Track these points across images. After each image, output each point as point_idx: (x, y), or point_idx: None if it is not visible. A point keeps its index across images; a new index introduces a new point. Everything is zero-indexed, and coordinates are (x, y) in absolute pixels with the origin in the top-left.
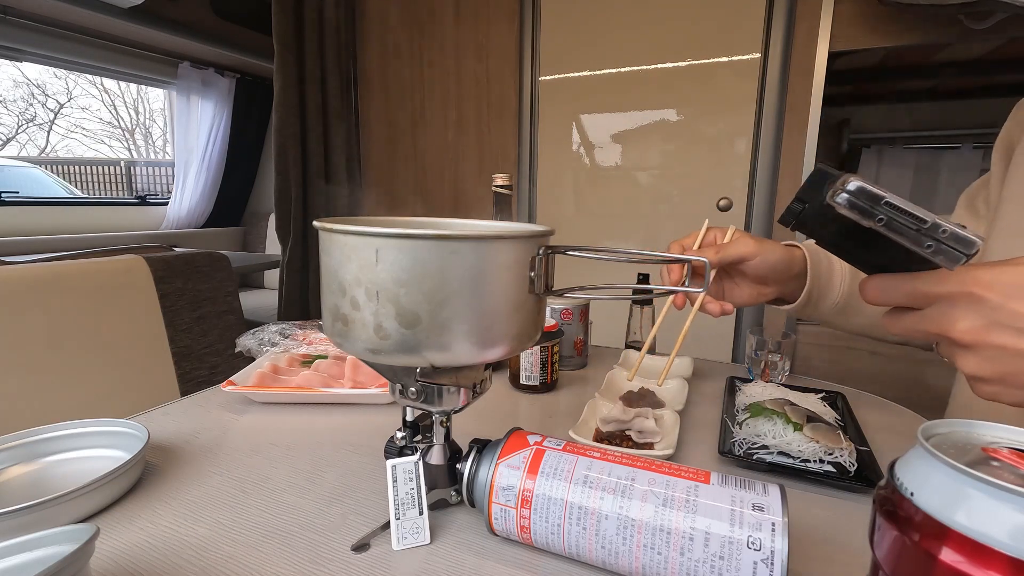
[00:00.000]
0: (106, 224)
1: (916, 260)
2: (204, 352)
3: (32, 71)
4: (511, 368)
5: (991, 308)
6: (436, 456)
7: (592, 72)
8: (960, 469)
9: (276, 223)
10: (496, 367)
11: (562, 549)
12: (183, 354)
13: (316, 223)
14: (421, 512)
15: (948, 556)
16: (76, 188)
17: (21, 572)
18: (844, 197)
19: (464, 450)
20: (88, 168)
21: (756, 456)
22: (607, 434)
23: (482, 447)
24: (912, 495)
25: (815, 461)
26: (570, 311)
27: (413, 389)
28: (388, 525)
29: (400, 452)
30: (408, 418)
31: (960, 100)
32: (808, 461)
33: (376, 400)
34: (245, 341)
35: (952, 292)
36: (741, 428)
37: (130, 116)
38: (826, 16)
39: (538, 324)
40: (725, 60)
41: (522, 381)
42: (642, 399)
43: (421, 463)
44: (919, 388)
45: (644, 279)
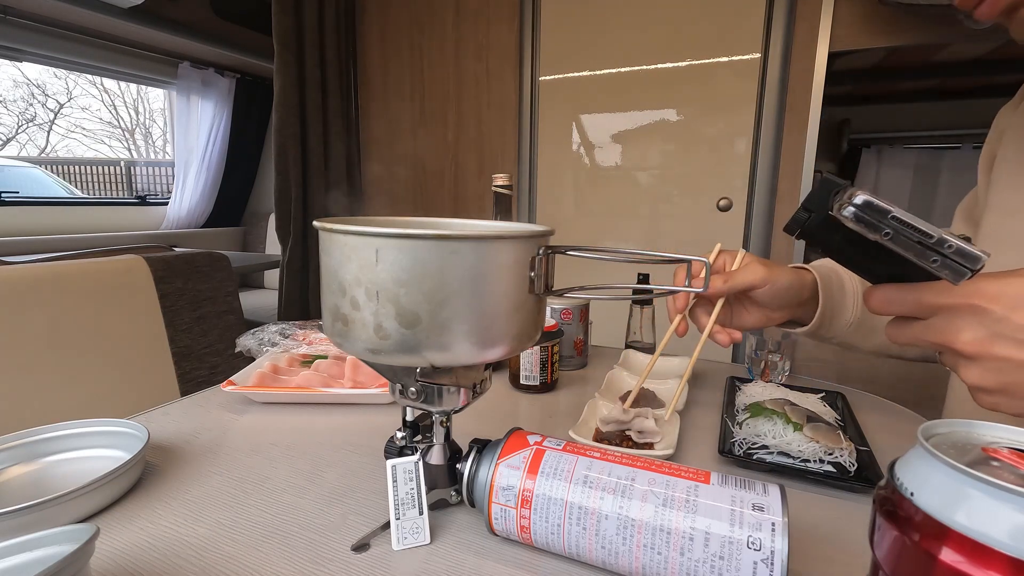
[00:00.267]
0: (106, 224)
1: (921, 272)
2: (204, 352)
3: (32, 71)
4: (511, 368)
5: (994, 320)
6: (436, 456)
7: (592, 72)
8: (960, 469)
9: (276, 223)
10: (496, 367)
11: (562, 549)
12: (183, 354)
13: (316, 223)
14: (421, 512)
15: (948, 556)
16: (76, 188)
17: (21, 572)
18: (851, 210)
19: (464, 450)
20: (88, 168)
21: (756, 456)
22: (607, 434)
23: (482, 447)
24: (912, 495)
25: (815, 461)
26: (570, 311)
27: (413, 389)
28: (388, 525)
29: (400, 452)
30: (408, 418)
31: (960, 100)
32: (808, 461)
33: (376, 400)
34: (245, 341)
35: (956, 304)
36: (741, 428)
37: (130, 116)
38: (826, 16)
39: (538, 324)
40: (725, 60)
41: (522, 381)
42: (642, 399)
43: (421, 463)
44: (919, 388)
45: (644, 279)
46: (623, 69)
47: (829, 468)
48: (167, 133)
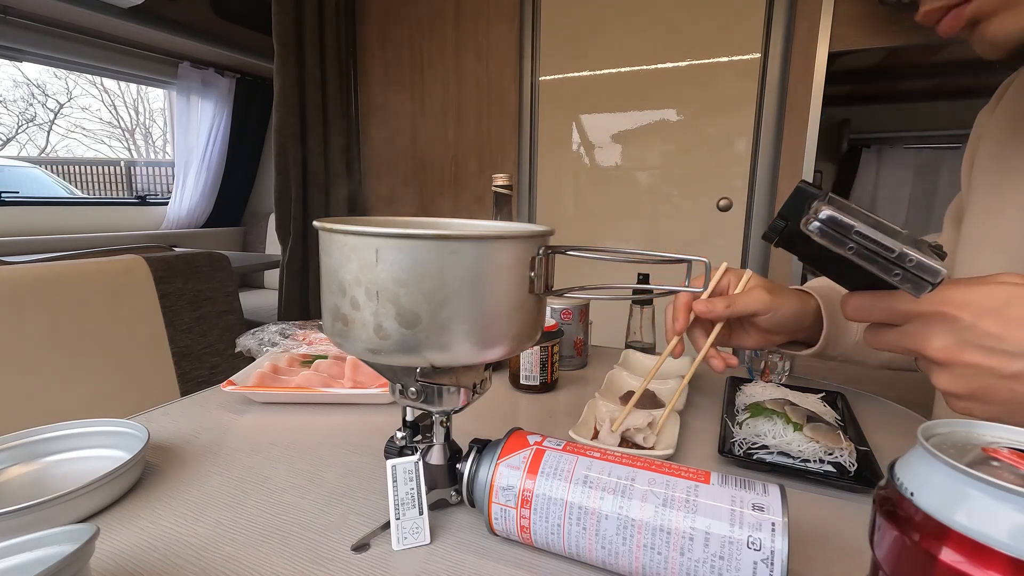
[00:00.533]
0: (106, 224)
1: (889, 283)
2: (204, 352)
3: (32, 71)
4: (511, 368)
5: (963, 327)
6: (436, 456)
7: (592, 72)
8: (960, 469)
9: (276, 223)
10: (496, 367)
11: (562, 549)
12: (183, 354)
13: (316, 223)
14: (421, 512)
15: (948, 556)
16: (76, 188)
17: (21, 572)
18: (816, 226)
19: (464, 450)
20: (88, 168)
21: (756, 456)
22: (624, 436)
23: (482, 447)
24: (912, 495)
25: (815, 461)
26: (570, 311)
27: (413, 389)
28: (388, 525)
29: (400, 452)
30: (408, 418)
31: (960, 100)
32: (808, 461)
33: (376, 400)
34: (245, 341)
35: (927, 311)
36: (741, 428)
37: (130, 116)
38: (826, 16)
39: (538, 324)
40: (725, 60)
41: (522, 381)
42: (642, 399)
43: (421, 463)
44: (919, 388)
45: (644, 279)
46: (623, 69)
47: (829, 468)
48: (167, 133)
